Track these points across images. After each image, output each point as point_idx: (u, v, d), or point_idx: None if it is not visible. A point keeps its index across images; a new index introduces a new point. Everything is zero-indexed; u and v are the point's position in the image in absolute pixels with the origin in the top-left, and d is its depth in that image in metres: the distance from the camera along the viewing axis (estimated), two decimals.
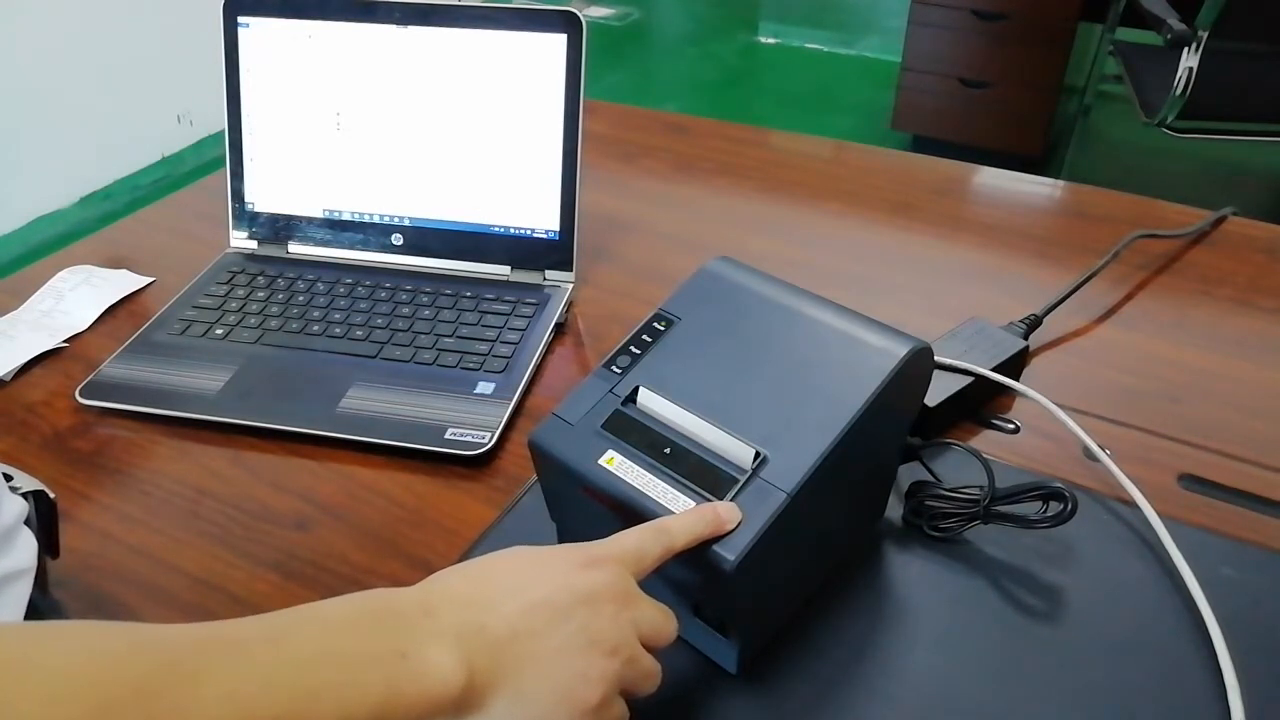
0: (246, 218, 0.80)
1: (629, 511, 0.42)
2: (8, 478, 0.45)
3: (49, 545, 0.47)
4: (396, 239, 0.78)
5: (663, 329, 0.48)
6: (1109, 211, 0.87)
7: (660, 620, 0.40)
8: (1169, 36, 1.70)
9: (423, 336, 0.70)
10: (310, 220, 0.79)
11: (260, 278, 0.77)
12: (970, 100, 2.43)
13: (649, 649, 0.39)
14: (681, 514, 0.41)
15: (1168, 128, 1.82)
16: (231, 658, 0.31)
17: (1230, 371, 0.67)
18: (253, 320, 0.72)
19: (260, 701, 0.30)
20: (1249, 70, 1.84)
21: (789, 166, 0.97)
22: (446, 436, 0.61)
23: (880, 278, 0.79)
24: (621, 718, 0.39)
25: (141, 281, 0.81)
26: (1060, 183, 0.95)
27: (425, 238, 0.77)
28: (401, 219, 0.78)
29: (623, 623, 0.38)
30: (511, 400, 0.64)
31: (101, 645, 0.30)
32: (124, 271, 0.81)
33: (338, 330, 0.71)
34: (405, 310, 0.73)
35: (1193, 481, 0.58)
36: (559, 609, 0.36)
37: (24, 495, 0.46)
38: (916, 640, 0.48)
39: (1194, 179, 2.44)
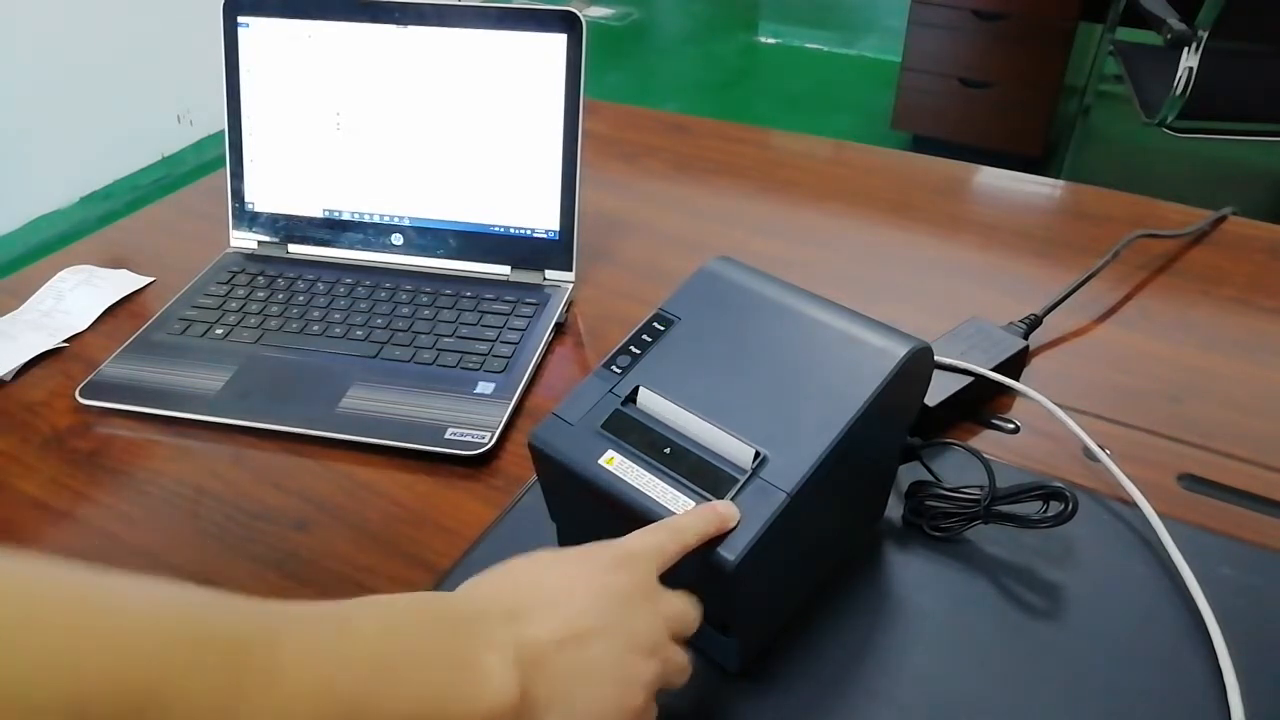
0: (246, 218, 0.80)
1: (629, 512, 0.42)
2: None
3: None
4: (396, 239, 0.78)
5: (662, 329, 0.48)
6: (1109, 211, 0.87)
7: (686, 610, 0.40)
8: (1169, 36, 1.70)
9: (423, 336, 0.70)
10: (310, 220, 0.79)
11: (260, 278, 0.77)
12: (970, 100, 2.43)
13: (676, 641, 0.40)
14: (688, 513, 0.41)
15: (1168, 128, 1.82)
16: (305, 629, 0.31)
17: (1230, 371, 0.67)
18: (253, 320, 0.72)
19: (337, 677, 0.30)
20: (1249, 70, 1.84)
21: (789, 166, 0.97)
22: (446, 436, 0.61)
23: (880, 278, 0.79)
24: (655, 716, 0.39)
25: (141, 281, 0.81)
26: (1060, 183, 0.95)
27: (425, 238, 0.77)
28: (401, 219, 0.78)
29: (656, 621, 0.38)
30: (511, 400, 0.64)
31: (186, 594, 0.30)
32: (124, 271, 0.82)
33: (338, 330, 0.71)
34: (405, 310, 0.73)
35: (1193, 481, 0.58)
36: (599, 616, 0.37)
37: None
38: (916, 640, 0.48)
39: (1194, 179, 2.44)
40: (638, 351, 0.48)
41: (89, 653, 0.25)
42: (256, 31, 0.76)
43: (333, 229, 0.79)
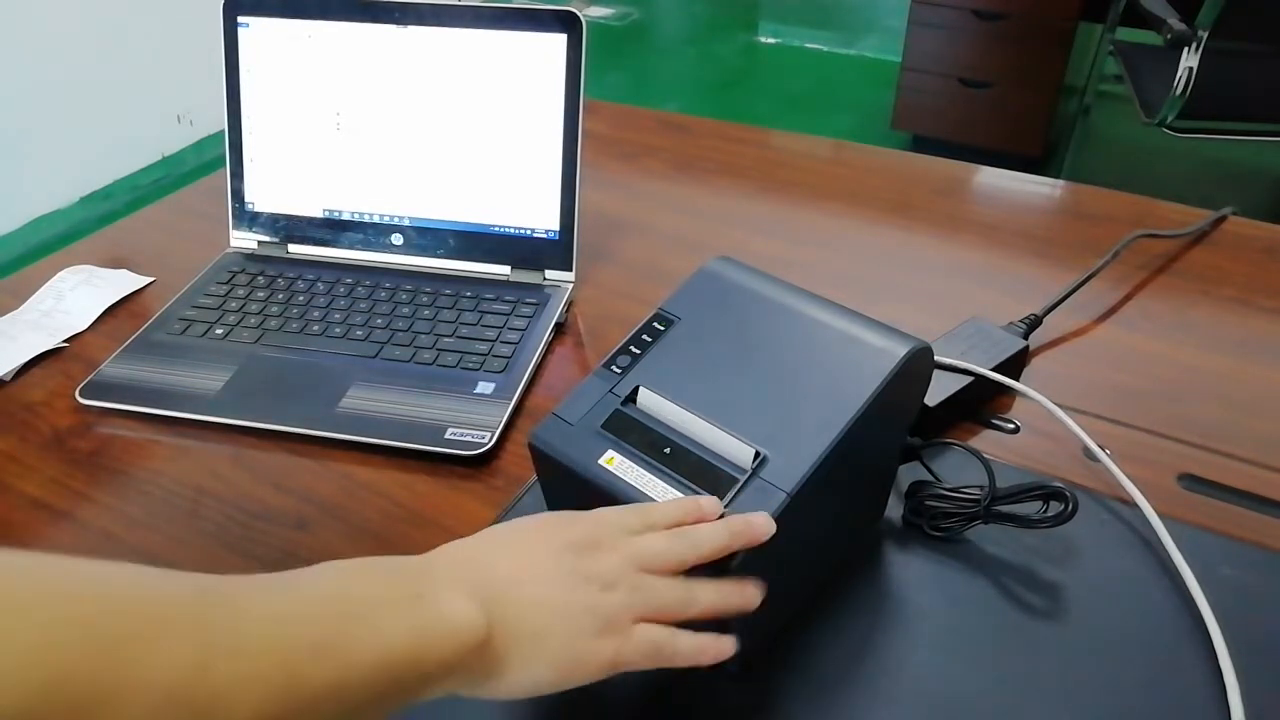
0: (246, 218, 0.80)
1: None
2: None
3: None
4: (396, 239, 0.78)
5: (662, 329, 0.48)
6: (1109, 211, 0.87)
7: (666, 548, 0.40)
8: (1169, 36, 1.70)
9: (423, 336, 0.70)
10: (310, 220, 0.79)
11: (260, 278, 0.77)
12: (970, 100, 2.43)
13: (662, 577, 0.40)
14: (664, 502, 0.42)
15: (1168, 128, 1.82)
16: (260, 589, 0.32)
17: (1230, 371, 0.67)
18: (252, 320, 0.72)
19: (296, 629, 0.31)
20: (1249, 70, 1.84)
21: (789, 166, 0.97)
22: (446, 436, 0.61)
23: (880, 278, 0.79)
24: (651, 643, 0.38)
25: (141, 281, 0.81)
26: (1060, 183, 0.94)
27: (425, 238, 0.77)
28: (401, 219, 0.78)
29: (614, 561, 0.39)
30: (511, 400, 0.64)
31: (138, 571, 0.31)
32: (124, 271, 0.82)
33: (337, 330, 0.71)
34: (405, 310, 0.73)
35: (1193, 481, 0.58)
36: (551, 557, 0.38)
37: None
38: (916, 640, 0.48)
39: (1194, 179, 2.44)
40: (638, 351, 0.48)
41: (46, 644, 0.26)
42: (256, 31, 0.76)
43: (333, 229, 0.79)
